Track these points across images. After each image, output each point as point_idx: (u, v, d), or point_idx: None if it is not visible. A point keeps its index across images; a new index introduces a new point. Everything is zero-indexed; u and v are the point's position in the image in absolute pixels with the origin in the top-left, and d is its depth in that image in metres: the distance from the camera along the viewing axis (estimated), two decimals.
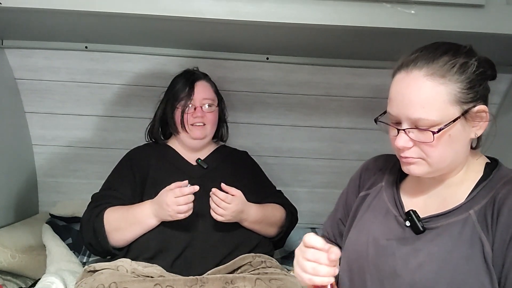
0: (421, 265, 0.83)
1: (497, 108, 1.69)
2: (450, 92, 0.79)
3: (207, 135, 1.45)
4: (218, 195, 1.26)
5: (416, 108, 0.80)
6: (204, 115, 1.42)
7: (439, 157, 0.82)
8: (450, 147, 0.82)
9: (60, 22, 1.34)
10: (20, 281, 1.49)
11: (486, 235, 0.79)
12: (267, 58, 1.64)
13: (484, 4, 1.15)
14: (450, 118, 0.80)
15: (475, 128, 0.83)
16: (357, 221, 0.98)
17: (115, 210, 1.32)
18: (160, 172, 1.41)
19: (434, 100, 0.79)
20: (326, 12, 1.16)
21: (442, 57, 0.81)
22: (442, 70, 0.79)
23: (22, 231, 1.60)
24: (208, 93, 1.45)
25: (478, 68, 0.81)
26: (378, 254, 0.89)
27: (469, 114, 0.81)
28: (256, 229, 1.38)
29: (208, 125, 1.44)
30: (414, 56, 0.83)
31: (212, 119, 1.45)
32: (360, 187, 1.03)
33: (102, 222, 1.30)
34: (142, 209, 1.30)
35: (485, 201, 0.82)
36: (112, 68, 1.66)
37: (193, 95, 1.41)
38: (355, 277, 0.94)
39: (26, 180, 1.79)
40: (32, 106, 1.74)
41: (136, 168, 1.42)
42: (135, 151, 1.49)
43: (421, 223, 0.86)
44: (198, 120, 1.41)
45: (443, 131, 0.79)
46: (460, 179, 0.88)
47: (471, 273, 0.78)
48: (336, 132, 1.80)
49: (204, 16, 1.17)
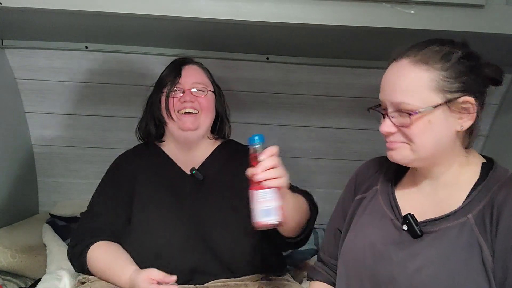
0: (418, 269, 0.82)
1: (497, 108, 1.69)
2: (433, 78, 0.81)
3: (200, 126, 1.24)
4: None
5: (399, 92, 0.83)
6: (194, 99, 1.22)
7: (420, 143, 0.83)
8: (431, 134, 0.83)
9: (60, 22, 1.34)
10: (20, 281, 1.49)
11: (485, 239, 0.78)
12: (267, 58, 1.64)
13: (484, 4, 1.15)
14: (431, 104, 0.81)
15: (461, 120, 0.83)
16: (353, 225, 0.98)
17: (97, 256, 1.18)
18: (148, 188, 1.25)
19: (416, 86, 0.82)
20: (326, 12, 1.16)
21: (429, 46, 0.84)
22: (426, 58, 0.82)
23: (22, 231, 1.61)
24: (198, 77, 1.27)
25: (464, 59, 0.82)
26: (375, 259, 0.88)
27: (454, 104, 0.82)
28: (296, 219, 1.09)
29: (201, 113, 1.23)
30: (406, 47, 0.86)
31: (206, 105, 1.23)
32: (356, 190, 1.03)
33: (85, 263, 1.19)
34: (120, 271, 1.14)
35: (483, 204, 0.81)
36: (112, 68, 1.66)
37: (179, 78, 1.23)
38: (352, 282, 0.93)
39: (26, 180, 1.79)
40: (32, 106, 1.74)
41: (121, 185, 1.27)
42: (122, 164, 1.33)
43: (419, 227, 0.85)
44: (188, 105, 1.21)
45: (422, 115, 0.81)
46: (455, 178, 0.87)
47: (469, 278, 0.78)
48: (336, 132, 1.80)
49: (205, 16, 1.17)
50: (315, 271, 1.09)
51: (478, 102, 0.83)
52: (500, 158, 0.90)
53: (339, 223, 1.04)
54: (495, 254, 0.77)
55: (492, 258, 0.77)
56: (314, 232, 1.86)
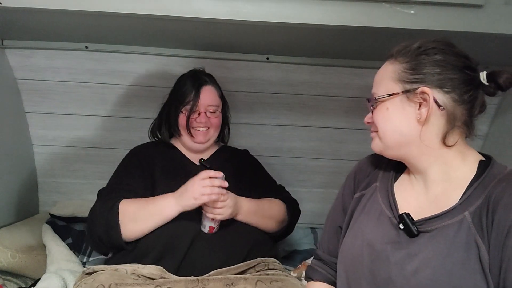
0: (416, 271, 0.82)
1: (496, 108, 1.70)
2: (395, 70, 0.88)
3: (210, 139, 1.45)
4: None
5: (373, 84, 0.93)
6: (207, 120, 1.42)
7: (382, 130, 0.90)
8: (390, 121, 0.88)
9: (61, 22, 1.34)
10: (20, 281, 1.49)
11: (482, 238, 0.78)
12: (267, 58, 1.64)
13: (483, 4, 1.15)
14: (390, 93, 0.87)
15: (420, 111, 0.85)
16: (352, 223, 0.98)
17: (132, 202, 1.28)
18: (165, 171, 1.40)
19: (382, 78, 0.90)
20: (326, 12, 1.17)
21: (406, 43, 0.89)
22: (395, 53, 0.89)
23: (22, 231, 1.61)
24: (213, 98, 1.43)
25: (425, 54, 0.85)
26: (373, 259, 0.88)
27: (412, 94, 0.85)
28: (252, 222, 1.35)
29: (211, 129, 1.44)
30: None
31: (216, 123, 1.44)
32: (355, 188, 1.03)
33: (117, 214, 1.24)
34: (164, 198, 1.26)
35: (480, 202, 0.80)
36: (113, 68, 1.67)
37: (198, 101, 1.39)
38: (352, 282, 0.93)
39: (26, 180, 1.79)
40: (32, 106, 1.74)
41: (143, 164, 1.40)
42: (139, 149, 1.47)
43: (415, 226, 0.85)
44: (202, 125, 1.41)
45: (380, 102, 0.89)
46: (445, 174, 0.86)
47: (467, 278, 0.77)
48: (335, 132, 1.81)
49: (205, 16, 1.17)
50: (313, 270, 1.08)
51: (451, 96, 0.83)
52: (499, 157, 0.89)
53: (340, 221, 1.04)
54: (490, 252, 0.77)
55: (488, 256, 0.77)
56: (313, 232, 1.86)
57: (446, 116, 0.84)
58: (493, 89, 0.86)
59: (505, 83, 0.84)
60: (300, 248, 1.78)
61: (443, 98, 0.83)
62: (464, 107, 0.84)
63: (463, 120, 0.85)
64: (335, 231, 1.05)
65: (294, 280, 1.23)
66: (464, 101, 0.84)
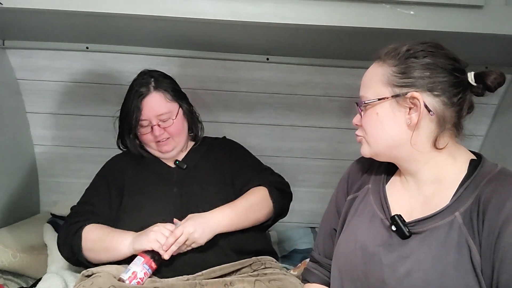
0: (408, 273, 0.81)
1: (495, 108, 1.70)
2: (384, 73, 0.86)
3: (177, 146, 1.38)
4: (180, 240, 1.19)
5: (361, 87, 0.91)
6: (163, 131, 1.33)
7: (371, 135, 0.89)
8: (380, 127, 0.87)
9: (61, 22, 1.34)
10: (21, 280, 1.49)
11: (473, 239, 0.78)
12: (267, 59, 1.64)
13: (483, 4, 1.16)
14: (379, 97, 0.85)
15: (410, 115, 0.84)
16: (345, 225, 0.97)
17: (95, 229, 1.28)
18: (137, 180, 1.37)
19: (371, 80, 0.88)
20: (326, 12, 1.17)
21: (395, 45, 0.87)
22: (384, 55, 0.87)
23: (23, 230, 1.61)
24: (160, 106, 1.32)
25: (414, 56, 0.84)
26: (366, 261, 0.88)
27: (401, 98, 0.84)
28: (238, 227, 1.29)
29: (174, 137, 1.36)
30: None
31: (173, 131, 1.35)
32: (348, 190, 1.03)
33: (80, 240, 1.27)
34: (122, 235, 1.24)
35: (470, 202, 0.80)
36: (113, 68, 1.67)
37: (141, 115, 1.31)
38: (346, 284, 0.93)
39: (27, 180, 1.79)
40: (33, 106, 1.75)
41: (111, 181, 1.38)
42: (111, 163, 1.46)
43: (407, 228, 0.85)
44: (160, 138, 1.34)
45: (369, 106, 0.87)
46: (436, 175, 0.86)
47: (459, 280, 0.77)
48: (335, 132, 1.81)
49: (205, 16, 1.17)
50: (309, 272, 1.08)
51: (440, 99, 0.82)
52: (498, 158, 0.90)
53: (334, 223, 1.03)
54: (482, 252, 0.77)
55: (480, 257, 0.77)
56: (313, 232, 1.87)
57: (436, 119, 0.83)
58: (481, 90, 0.86)
59: (493, 84, 0.84)
60: (299, 248, 1.79)
61: (433, 102, 0.82)
62: (453, 110, 0.83)
63: (452, 122, 0.84)
64: (329, 234, 1.05)
65: (292, 279, 1.22)
66: (453, 104, 0.83)
